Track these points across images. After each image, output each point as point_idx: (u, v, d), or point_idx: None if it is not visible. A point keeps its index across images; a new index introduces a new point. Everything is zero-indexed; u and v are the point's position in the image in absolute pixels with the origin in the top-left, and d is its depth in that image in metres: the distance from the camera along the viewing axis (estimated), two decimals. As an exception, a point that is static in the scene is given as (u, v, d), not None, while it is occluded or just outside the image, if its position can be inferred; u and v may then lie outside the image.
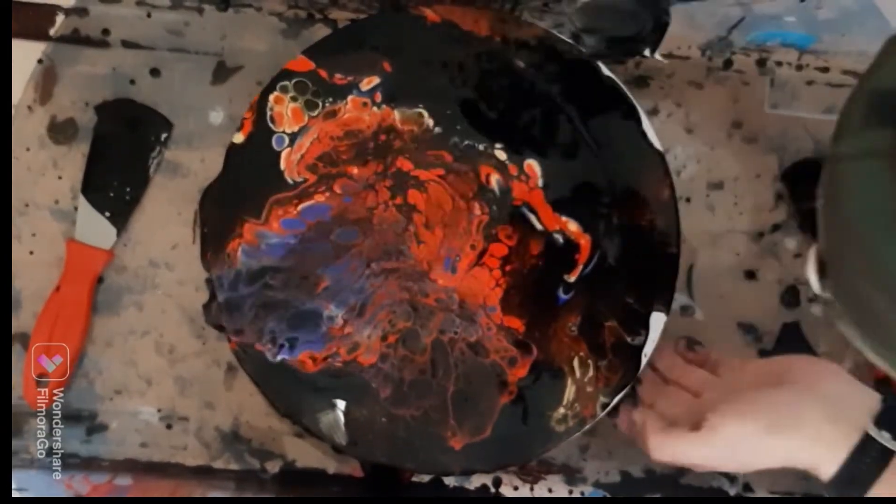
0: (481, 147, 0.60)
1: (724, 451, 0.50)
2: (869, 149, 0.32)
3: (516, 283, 0.60)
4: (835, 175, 0.35)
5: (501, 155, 0.60)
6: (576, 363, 0.58)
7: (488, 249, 0.60)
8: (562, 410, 0.58)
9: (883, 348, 0.35)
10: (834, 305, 0.38)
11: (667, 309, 0.58)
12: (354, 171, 0.60)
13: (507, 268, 0.60)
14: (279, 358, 0.59)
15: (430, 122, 0.60)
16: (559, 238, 0.60)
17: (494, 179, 0.60)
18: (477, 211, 0.60)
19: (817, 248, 0.41)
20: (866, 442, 0.46)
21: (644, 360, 0.58)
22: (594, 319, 0.59)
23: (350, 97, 0.60)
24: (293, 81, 0.60)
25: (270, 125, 0.60)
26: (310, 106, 0.60)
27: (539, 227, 0.60)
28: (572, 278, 0.59)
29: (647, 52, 0.51)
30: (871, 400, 0.48)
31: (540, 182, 0.60)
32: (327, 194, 0.60)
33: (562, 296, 0.59)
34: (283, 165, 0.60)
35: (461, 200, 0.60)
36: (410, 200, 0.60)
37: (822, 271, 0.41)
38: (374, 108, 0.60)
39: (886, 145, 0.31)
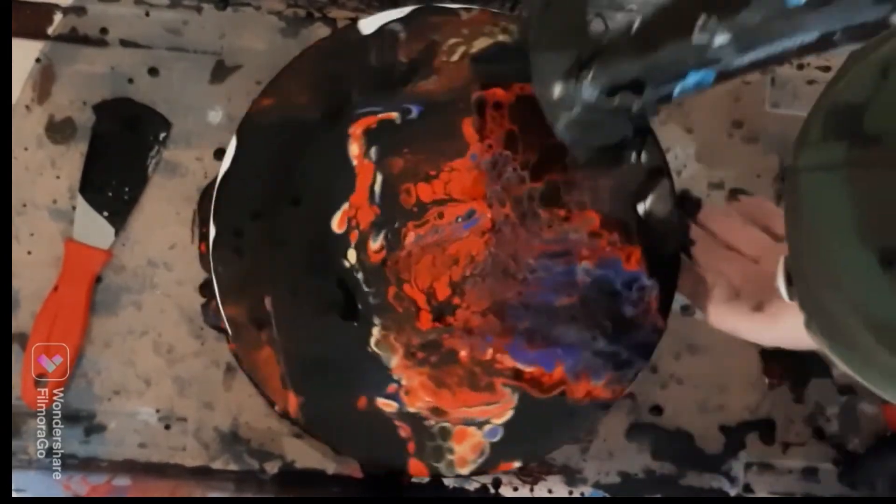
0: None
1: (782, 334, 0.50)
2: (825, 161, 0.33)
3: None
4: (794, 187, 0.35)
5: None
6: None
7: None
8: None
9: (847, 354, 0.36)
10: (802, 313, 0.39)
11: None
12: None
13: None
14: None
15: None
16: None
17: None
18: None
19: (785, 257, 0.41)
20: None
21: None
22: None
23: None
24: None
25: None
26: None
27: None
28: None
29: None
30: None
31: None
32: None
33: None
34: None
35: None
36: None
37: (790, 280, 0.42)
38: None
39: (840, 157, 0.32)
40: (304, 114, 0.59)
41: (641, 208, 0.59)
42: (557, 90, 0.50)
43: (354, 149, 0.59)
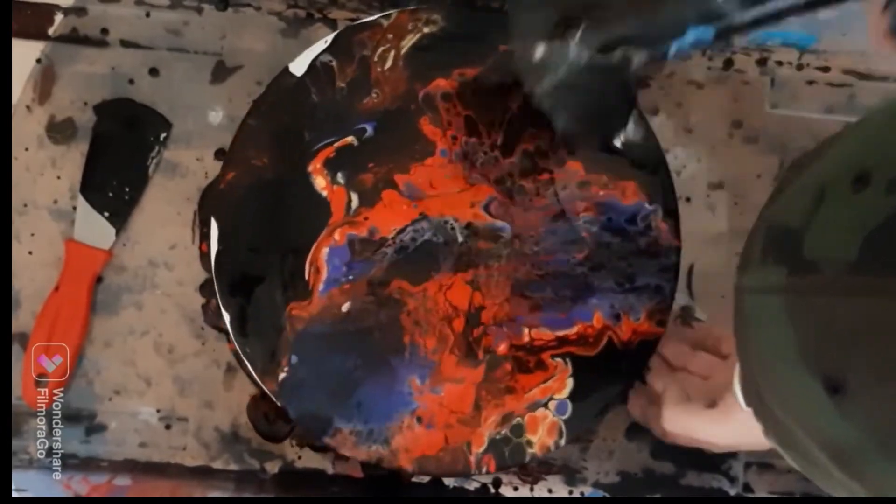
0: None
1: (738, 428, 0.50)
2: (766, 284, 0.33)
3: None
4: (740, 306, 0.36)
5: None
6: None
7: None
8: None
9: (805, 466, 0.36)
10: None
11: None
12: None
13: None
14: None
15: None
16: None
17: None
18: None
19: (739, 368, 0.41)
20: None
21: None
22: None
23: None
24: None
25: None
26: None
27: None
28: None
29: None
30: None
31: None
32: None
33: None
34: None
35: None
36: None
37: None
38: None
39: (780, 282, 0.32)
40: (268, 173, 0.60)
41: (619, 141, 0.59)
42: (540, 51, 0.45)
43: (320, 182, 0.60)
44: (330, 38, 0.60)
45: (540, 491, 0.63)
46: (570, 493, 0.63)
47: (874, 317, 0.28)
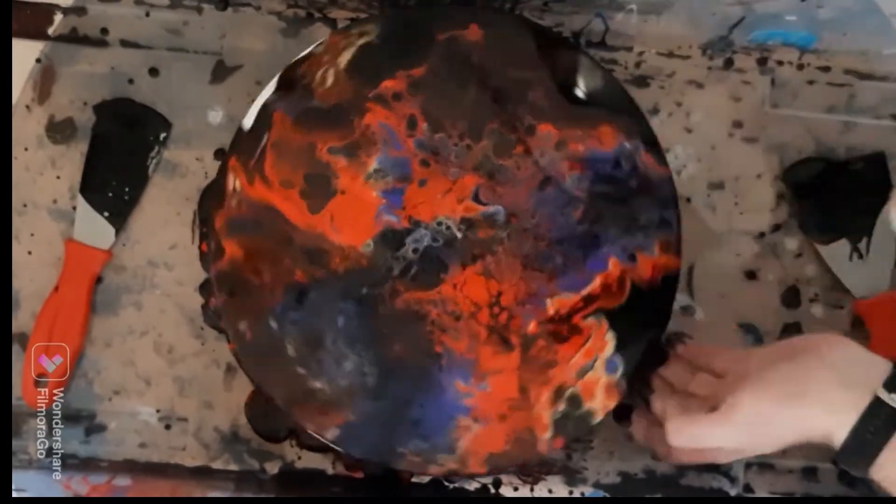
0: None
1: (742, 429, 0.50)
2: None
3: None
4: None
5: None
6: None
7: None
8: None
9: None
10: None
11: None
12: None
13: None
14: None
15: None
16: None
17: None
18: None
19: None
20: (876, 405, 0.47)
21: None
22: None
23: None
24: None
25: None
26: None
27: None
28: None
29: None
30: (882, 364, 0.48)
31: None
32: None
33: None
34: None
35: None
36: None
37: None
38: None
39: None
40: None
41: (581, 91, 0.60)
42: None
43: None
44: (273, 84, 0.59)
45: (540, 491, 0.63)
46: (571, 493, 0.63)
47: None
